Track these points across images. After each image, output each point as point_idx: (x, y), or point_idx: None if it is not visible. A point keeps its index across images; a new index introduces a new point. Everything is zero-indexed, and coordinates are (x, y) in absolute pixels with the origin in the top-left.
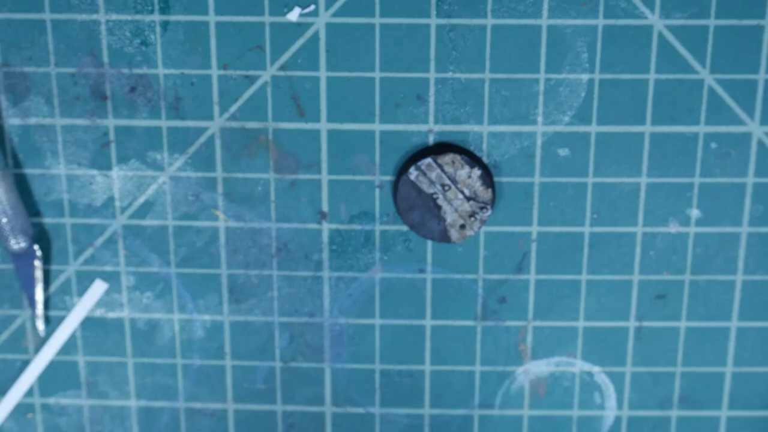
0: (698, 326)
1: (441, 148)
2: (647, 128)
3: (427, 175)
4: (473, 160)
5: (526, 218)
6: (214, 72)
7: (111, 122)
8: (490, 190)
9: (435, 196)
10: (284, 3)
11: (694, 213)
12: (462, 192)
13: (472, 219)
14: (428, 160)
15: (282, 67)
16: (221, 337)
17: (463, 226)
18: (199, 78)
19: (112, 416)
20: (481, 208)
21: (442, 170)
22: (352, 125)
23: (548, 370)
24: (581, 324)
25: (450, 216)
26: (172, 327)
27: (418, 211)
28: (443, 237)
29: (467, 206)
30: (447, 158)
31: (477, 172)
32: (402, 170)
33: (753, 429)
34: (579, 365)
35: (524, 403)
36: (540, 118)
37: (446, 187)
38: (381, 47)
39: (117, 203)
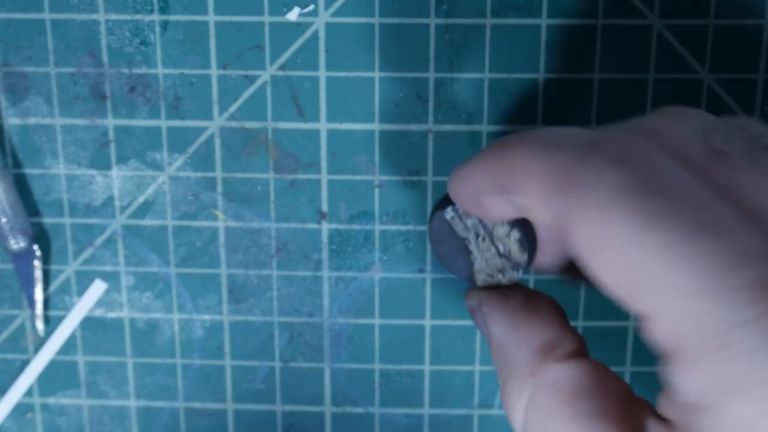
0: None
1: None
2: None
3: (463, 220)
4: (516, 220)
5: None
6: (214, 72)
7: (110, 122)
8: (526, 254)
9: (467, 242)
10: (284, 3)
11: None
12: (496, 247)
13: (501, 275)
14: None
15: (281, 67)
16: (221, 336)
17: (491, 276)
18: (199, 78)
19: (111, 416)
20: (513, 269)
21: (480, 220)
22: (351, 125)
23: None
24: (581, 323)
25: (478, 264)
26: (172, 327)
27: (447, 247)
28: (470, 279)
29: (498, 262)
30: None
31: (516, 234)
32: (441, 202)
33: None
34: None
35: None
36: (540, 118)
37: (481, 238)
38: (381, 47)
39: (117, 203)
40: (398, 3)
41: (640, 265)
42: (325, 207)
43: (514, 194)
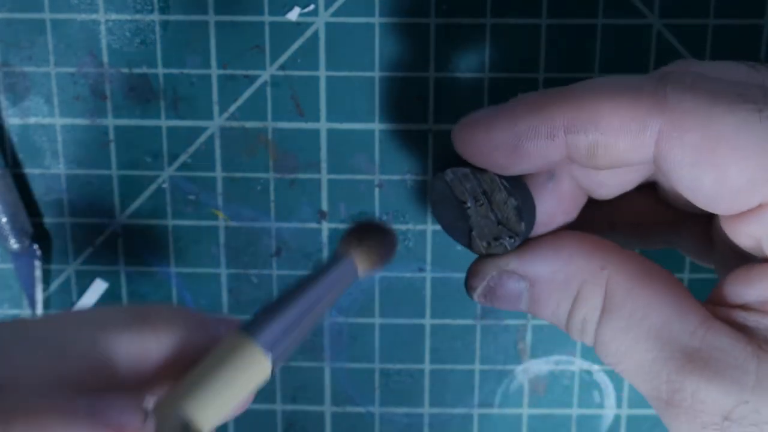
0: None
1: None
2: None
3: (462, 183)
4: (515, 188)
5: None
6: (214, 72)
7: (111, 122)
8: (522, 224)
9: (465, 206)
10: (284, 2)
11: None
12: (495, 213)
13: (497, 242)
14: (466, 170)
15: (281, 67)
16: None
17: (488, 244)
18: (199, 78)
19: None
20: (509, 237)
21: (479, 184)
22: (351, 125)
23: (547, 368)
24: None
25: (476, 230)
26: None
27: (447, 210)
28: (468, 245)
29: (495, 229)
30: (486, 176)
31: (513, 202)
32: (440, 165)
33: None
34: (578, 364)
35: (523, 402)
36: None
37: (479, 203)
38: (381, 47)
39: (117, 202)
40: (398, 3)
41: (759, 148)
42: (325, 206)
43: (586, 132)
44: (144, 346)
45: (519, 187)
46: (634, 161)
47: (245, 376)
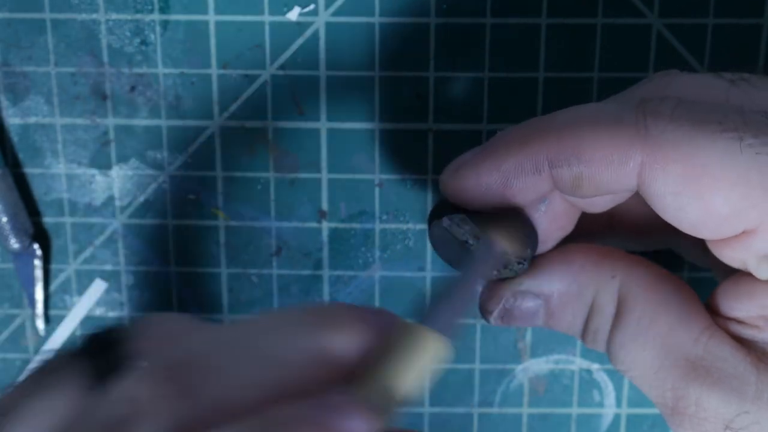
0: None
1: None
2: None
3: (460, 227)
4: (512, 220)
5: None
6: (214, 71)
7: (111, 121)
8: (528, 250)
9: (468, 244)
10: (284, 2)
11: None
12: (498, 244)
13: (506, 269)
14: (463, 215)
15: (282, 66)
16: None
17: (498, 271)
18: (199, 77)
19: None
20: (518, 263)
21: (477, 225)
22: (351, 124)
23: (547, 367)
24: None
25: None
26: None
27: (450, 250)
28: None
29: (502, 259)
30: (483, 217)
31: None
32: (435, 210)
33: None
34: (578, 363)
35: (523, 401)
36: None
37: (481, 240)
38: (381, 46)
39: (117, 202)
40: (398, 3)
41: (741, 178)
42: (325, 206)
43: (569, 165)
44: (342, 344)
45: (524, 221)
46: (618, 190)
47: (429, 355)
